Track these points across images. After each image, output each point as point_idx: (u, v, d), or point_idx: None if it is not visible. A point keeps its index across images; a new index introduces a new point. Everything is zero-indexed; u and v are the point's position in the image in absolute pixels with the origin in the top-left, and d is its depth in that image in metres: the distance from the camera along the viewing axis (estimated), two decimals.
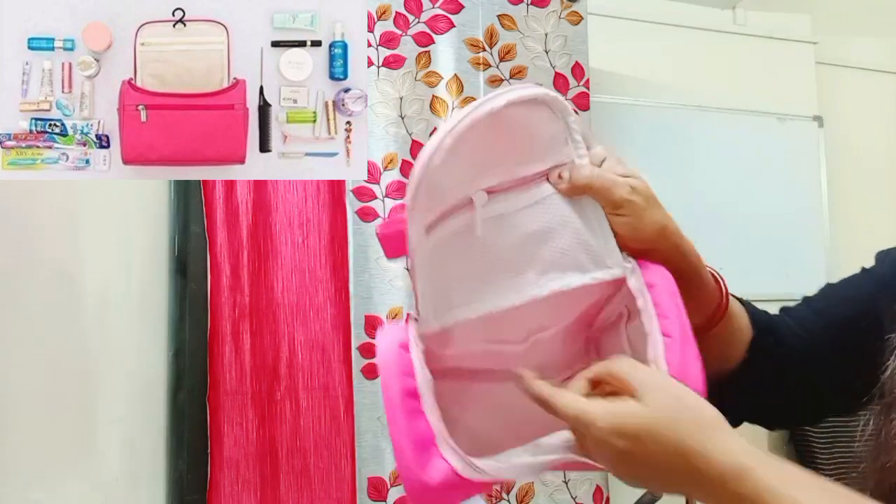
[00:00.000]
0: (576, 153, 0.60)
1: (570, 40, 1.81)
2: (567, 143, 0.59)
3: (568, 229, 0.60)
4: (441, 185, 0.57)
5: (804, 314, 0.71)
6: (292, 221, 1.68)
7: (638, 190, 0.59)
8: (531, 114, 0.57)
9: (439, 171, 0.54)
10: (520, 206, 0.60)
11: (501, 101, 0.54)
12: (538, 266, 0.61)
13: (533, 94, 0.56)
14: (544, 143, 0.59)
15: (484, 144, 0.57)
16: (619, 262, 0.60)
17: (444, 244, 0.60)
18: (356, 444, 1.60)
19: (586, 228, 0.60)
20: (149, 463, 1.48)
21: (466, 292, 0.62)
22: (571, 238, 0.60)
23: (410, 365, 0.57)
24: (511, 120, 0.56)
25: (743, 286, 2.26)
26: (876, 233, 2.84)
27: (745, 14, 2.80)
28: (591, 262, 0.61)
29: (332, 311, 1.67)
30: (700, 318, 0.65)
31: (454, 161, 0.55)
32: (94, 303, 1.14)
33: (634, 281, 0.59)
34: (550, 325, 0.67)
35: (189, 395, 1.58)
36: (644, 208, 0.59)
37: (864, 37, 2.98)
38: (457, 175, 0.57)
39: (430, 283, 0.60)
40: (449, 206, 0.59)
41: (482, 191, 0.59)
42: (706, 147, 2.66)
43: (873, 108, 3.00)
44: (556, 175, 0.60)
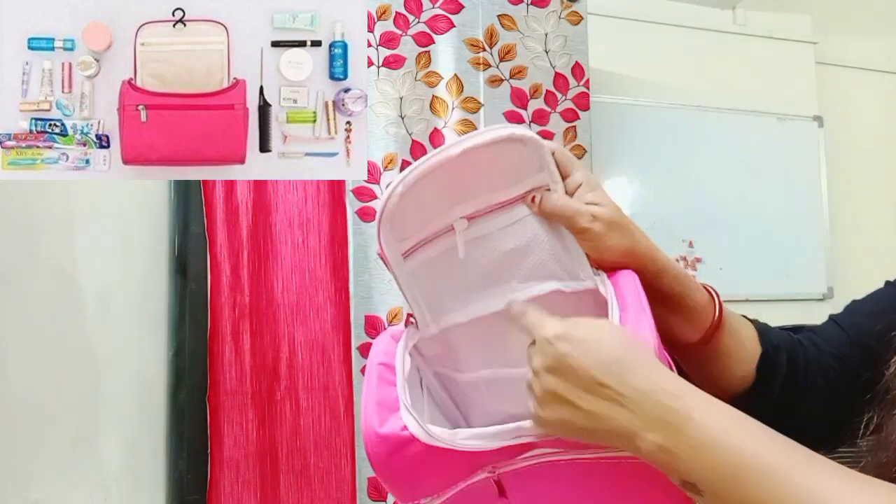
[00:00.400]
0: (550, 180, 0.65)
1: (570, 40, 1.81)
2: (542, 169, 0.64)
3: (544, 246, 0.66)
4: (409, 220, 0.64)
5: (832, 331, 0.71)
6: (292, 221, 1.69)
7: (599, 218, 0.63)
8: (501, 150, 0.62)
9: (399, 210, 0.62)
10: (499, 226, 0.66)
11: (456, 151, 0.61)
12: (519, 276, 0.67)
13: (497, 136, 0.62)
14: (519, 170, 0.65)
15: (452, 181, 0.63)
16: (590, 275, 0.65)
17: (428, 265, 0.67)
18: (356, 444, 1.60)
19: (560, 246, 0.66)
20: (149, 463, 1.48)
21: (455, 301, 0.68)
22: (547, 253, 0.66)
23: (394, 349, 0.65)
24: (477, 159, 0.62)
25: (743, 286, 2.28)
26: (876, 233, 2.84)
27: (745, 14, 2.80)
28: (566, 274, 0.66)
29: (332, 311, 1.67)
30: (695, 334, 0.68)
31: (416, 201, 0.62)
32: (94, 303, 1.14)
33: (603, 288, 0.63)
34: None
35: (189, 395, 1.58)
36: (603, 234, 0.63)
37: (864, 37, 2.98)
38: (427, 210, 0.64)
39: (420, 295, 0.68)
40: (428, 234, 0.66)
41: (462, 218, 0.65)
42: (706, 147, 2.66)
43: (873, 108, 3.00)
44: (530, 199, 0.65)
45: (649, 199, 2.54)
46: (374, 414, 0.59)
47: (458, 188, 0.64)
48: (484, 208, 0.66)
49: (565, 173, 0.65)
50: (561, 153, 0.66)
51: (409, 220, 0.65)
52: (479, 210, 0.66)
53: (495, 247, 0.66)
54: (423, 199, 0.63)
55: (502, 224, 0.66)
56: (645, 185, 2.56)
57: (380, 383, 0.61)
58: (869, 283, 0.74)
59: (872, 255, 2.74)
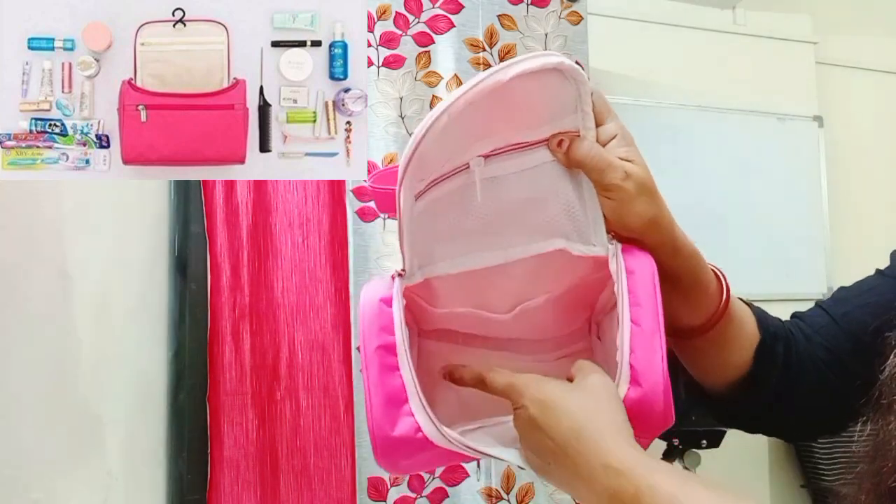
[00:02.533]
0: (582, 124, 0.58)
1: (570, 40, 1.81)
2: (576, 111, 0.57)
3: (559, 200, 0.59)
4: (436, 157, 0.56)
5: (822, 321, 0.70)
6: (292, 221, 1.68)
7: (632, 176, 0.57)
8: (540, 82, 0.55)
9: (432, 147, 0.54)
10: (513, 169, 0.59)
11: (507, 76, 0.53)
12: (523, 230, 0.61)
13: (548, 63, 0.54)
14: (551, 109, 0.57)
15: (485, 116, 0.56)
16: (603, 242, 0.59)
17: (432, 206, 0.59)
18: (356, 444, 1.60)
19: (577, 202, 0.59)
20: (149, 463, 1.48)
21: (449, 250, 0.61)
22: (561, 209, 0.60)
23: (391, 320, 0.57)
24: (517, 91, 0.54)
25: (743, 286, 2.26)
26: (876, 233, 2.84)
27: (745, 14, 2.80)
28: (576, 235, 0.60)
29: (332, 311, 1.67)
30: (699, 318, 0.65)
31: (448, 137, 0.54)
32: (94, 303, 1.14)
33: (614, 265, 0.58)
34: (535, 294, 0.67)
35: (189, 395, 1.57)
36: (633, 196, 0.58)
37: (864, 37, 2.98)
38: (451, 147, 0.57)
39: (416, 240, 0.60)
40: (441, 174, 0.59)
41: (479, 156, 0.58)
42: (706, 147, 2.66)
43: (873, 108, 3.00)
44: (556, 142, 0.58)
45: None
46: (383, 414, 0.55)
47: (486, 124, 0.57)
48: (503, 146, 0.58)
49: (599, 121, 0.59)
50: (598, 96, 0.58)
51: (435, 158, 0.57)
52: (498, 148, 0.58)
53: (505, 193, 0.59)
54: (455, 132, 0.55)
55: (517, 168, 0.59)
56: None
57: (381, 373, 0.56)
58: None
59: (872, 255, 2.73)
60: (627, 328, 0.56)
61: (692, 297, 0.64)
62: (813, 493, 2.59)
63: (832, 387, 0.67)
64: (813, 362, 0.68)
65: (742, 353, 0.68)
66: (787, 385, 0.68)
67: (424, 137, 0.53)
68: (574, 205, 0.59)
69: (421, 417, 0.55)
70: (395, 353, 0.56)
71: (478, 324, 0.69)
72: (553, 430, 0.52)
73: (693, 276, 0.63)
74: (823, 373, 0.67)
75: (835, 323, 0.69)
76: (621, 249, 0.58)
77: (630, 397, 0.55)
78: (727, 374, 0.68)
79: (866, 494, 0.54)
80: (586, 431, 0.51)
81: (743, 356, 0.68)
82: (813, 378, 0.68)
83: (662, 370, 0.55)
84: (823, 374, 0.67)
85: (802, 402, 0.68)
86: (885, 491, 0.51)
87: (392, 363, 0.56)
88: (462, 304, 0.66)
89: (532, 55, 0.54)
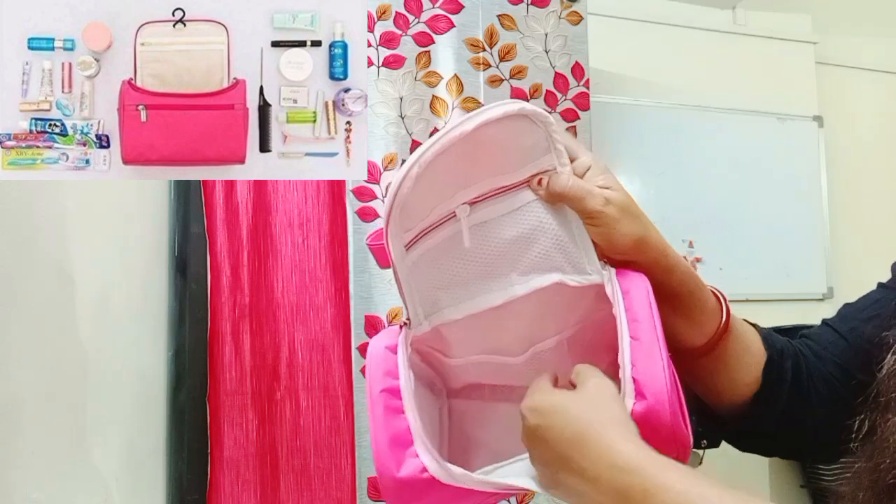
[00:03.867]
0: (557, 161, 0.61)
1: (570, 40, 1.81)
2: (549, 150, 0.60)
3: (548, 235, 0.62)
4: (418, 207, 0.59)
5: (830, 338, 0.70)
6: (292, 221, 1.68)
7: (613, 202, 0.60)
8: (509, 127, 0.58)
9: (412, 196, 0.57)
10: (501, 212, 0.62)
11: (471, 125, 0.56)
12: (520, 268, 0.63)
13: (509, 110, 0.57)
14: (525, 152, 0.61)
15: (461, 163, 0.58)
16: (597, 269, 0.61)
17: (428, 255, 0.62)
18: (356, 444, 1.60)
19: (566, 235, 0.61)
20: (149, 463, 1.48)
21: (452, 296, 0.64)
22: (552, 243, 0.62)
23: (395, 365, 0.59)
24: (488, 137, 0.58)
25: (743, 286, 2.28)
26: (876, 233, 2.84)
27: (745, 14, 2.80)
28: (570, 266, 0.62)
29: (332, 311, 1.67)
30: (701, 338, 0.65)
31: (428, 185, 0.58)
32: (94, 302, 1.14)
33: (610, 288, 0.60)
34: (546, 335, 0.67)
35: (189, 395, 1.57)
36: (617, 219, 0.60)
37: (864, 37, 2.98)
38: (434, 196, 0.60)
39: (417, 290, 0.63)
40: (431, 223, 0.61)
41: (464, 204, 0.61)
42: (706, 147, 2.66)
43: (873, 108, 3.00)
44: (536, 181, 0.61)
45: (649, 199, 2.54)
46: (389, 456, 0.56)
47: (465, 170, 0.60)
48: (487, 192, 0.61)
49: (571, 156, 0.62)
50: (565, 135, 0.62)
51: (417, 208, 0.60)
52: (482, 194, 0.61)
53: (496, 235, 0.62)
54: (433, 182, 0.58)
55: (504, 211, 0.62)
56: (645, 184, 2.56)
57: (386, 415, 0.57)
58: (869, 283, 0.73)
59: (872, 255, 2.74)
60: (627, 344, 0.56)
61: (692, 316, 0.65)
62: (813, 493, 2.59)
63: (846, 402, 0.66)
64: (824, 378, 0.68)
65: (750, 371, 0.68)
66: (800, 402, 0.68)
67: (400, 187, 0.56)
68: (563, 238, 0.62)
69: (426, 457, 0.55)
70: (400, 396, 0.58)
71: (496, 372, 0.69)
72: (555, 437, 0.52)
73: (691, 295, 0.64)
74: (836, 388, 0.67)
75: (843, 339, 0.69)
76: (615, 273, 0.60)
77: (637, 411, 0.54)
78: (737, 394, 0.68)
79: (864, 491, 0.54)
80: (588, 433, 0.51)
81: (751, 374, 0.68)
82: (825, 394, 0.67)
83: (665, 379, 0.54)
84: (836, 389, 0.67)
85: (816, 420, 0.68)
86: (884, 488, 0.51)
87: (397, 406, 0.57)
88: (475, 350, 0.67)
89: (494, 105, 0.57)
